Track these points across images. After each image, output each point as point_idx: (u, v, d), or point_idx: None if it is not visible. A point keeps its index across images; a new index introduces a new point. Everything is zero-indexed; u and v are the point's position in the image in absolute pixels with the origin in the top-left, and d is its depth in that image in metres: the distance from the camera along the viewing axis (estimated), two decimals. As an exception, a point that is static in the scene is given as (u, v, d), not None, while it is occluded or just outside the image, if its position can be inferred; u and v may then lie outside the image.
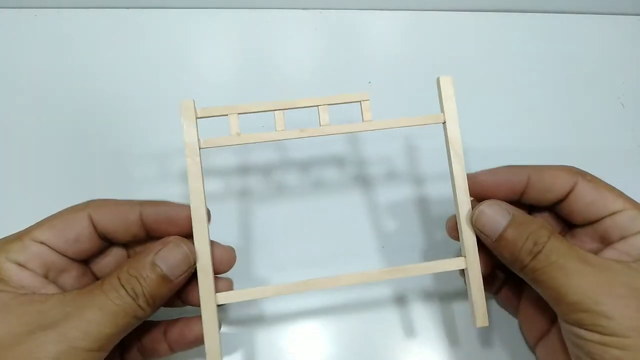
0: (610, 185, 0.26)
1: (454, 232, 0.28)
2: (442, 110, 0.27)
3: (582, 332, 0.22)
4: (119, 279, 0.23)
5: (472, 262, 0.26)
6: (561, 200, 0.27)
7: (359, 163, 0.36)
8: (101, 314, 0.22)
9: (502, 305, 0.31)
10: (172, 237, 0.25)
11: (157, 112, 0.38)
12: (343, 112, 0.27)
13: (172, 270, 0.24)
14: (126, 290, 0.23)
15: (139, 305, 0.23)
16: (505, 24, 0.44)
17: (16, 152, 0.36)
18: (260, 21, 0.43)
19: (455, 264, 0.26)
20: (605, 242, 0.26)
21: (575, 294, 0.22)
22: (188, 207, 0.25)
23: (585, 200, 0.26)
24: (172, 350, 0.27)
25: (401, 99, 0.38)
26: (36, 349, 0.21)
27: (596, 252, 0.25)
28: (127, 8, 0.43)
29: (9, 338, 0.21)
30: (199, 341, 0.25)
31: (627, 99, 0.40)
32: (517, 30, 0.44)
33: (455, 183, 0.26)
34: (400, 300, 0.32)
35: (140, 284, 0.23)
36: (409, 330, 0.31)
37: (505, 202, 0.26)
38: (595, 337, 0.22)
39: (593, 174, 0.27)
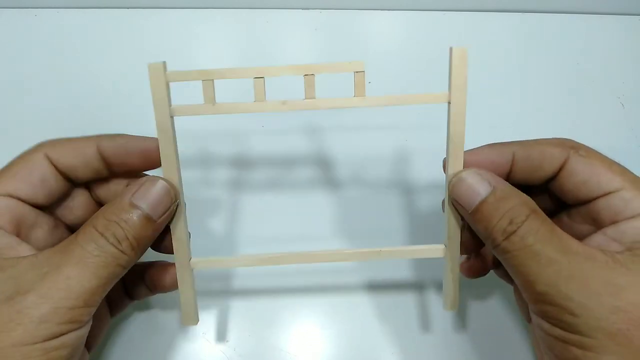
0: (610, 161, 0.23)
1: None
2: (449, 89, 0.23)
3: (546, 326, 0.21)
4: (95, 228, 0.21)
5: (452, 250, 0.25)
6: (552, 178, 0.24)
7: (353, 162, 0.36)
8: (80, 269, 0.20)
9: (499, 275, 0.29)
10: (147, 176, 0.24)
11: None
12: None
13: (154, 208, 0.22)
14: (106, 239, 0.21)
15: (121, 251, 0.21)
16: (505, 24, 0.44)
17: (16, 152, 0.36)
18: (260, 21, 0.43)
19: (434, 251, 0.25)
20: (597, 224, 0.23)
21: (544, 284, 0.20)
22: (146, 139, 0.24)
23: (575, 179, 0.23)
24: (152, 292, 0.27)
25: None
26: (18, 316, 0.19)
27: (586, 236, 0.23)
28: (127, 8, 0.43)
29: None
30: (176, 285, 0.25)
31: (627, 99, 0.40)
32: (518, 30, 0.44)
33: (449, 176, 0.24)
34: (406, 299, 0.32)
35: (121, 227, 0.21)
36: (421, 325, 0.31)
37: (490, 172, 0.23)
38: (557, 332, 0.20)
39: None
